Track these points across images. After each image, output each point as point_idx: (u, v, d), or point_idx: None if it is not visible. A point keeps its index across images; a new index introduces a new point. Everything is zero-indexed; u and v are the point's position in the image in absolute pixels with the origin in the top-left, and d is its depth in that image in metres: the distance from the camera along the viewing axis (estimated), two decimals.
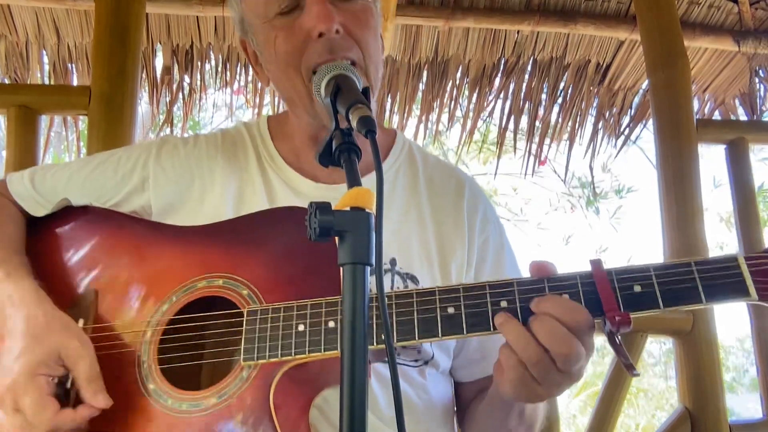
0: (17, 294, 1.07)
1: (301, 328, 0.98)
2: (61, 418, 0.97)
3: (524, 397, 0.96)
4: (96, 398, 0.99)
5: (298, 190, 1.26)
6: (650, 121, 3.16)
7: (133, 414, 1.02)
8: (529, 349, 0.89)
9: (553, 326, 0.88)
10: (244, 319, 1.02)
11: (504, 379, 0.95)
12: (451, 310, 0.95)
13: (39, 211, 1.28)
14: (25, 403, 0.96)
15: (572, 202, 9.09)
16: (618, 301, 0.91)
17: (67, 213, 1.27)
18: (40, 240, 1.24)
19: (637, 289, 0.92)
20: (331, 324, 0.97)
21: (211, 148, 1.32)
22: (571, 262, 0.98)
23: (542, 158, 3.82)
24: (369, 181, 1.20)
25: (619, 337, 0.92)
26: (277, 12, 1.15)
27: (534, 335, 0.89)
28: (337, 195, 1.26)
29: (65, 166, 1.35)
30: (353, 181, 0.78)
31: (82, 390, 1.00)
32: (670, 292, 0.91)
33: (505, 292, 0.95)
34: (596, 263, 0.94)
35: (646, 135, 4.36)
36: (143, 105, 3.43)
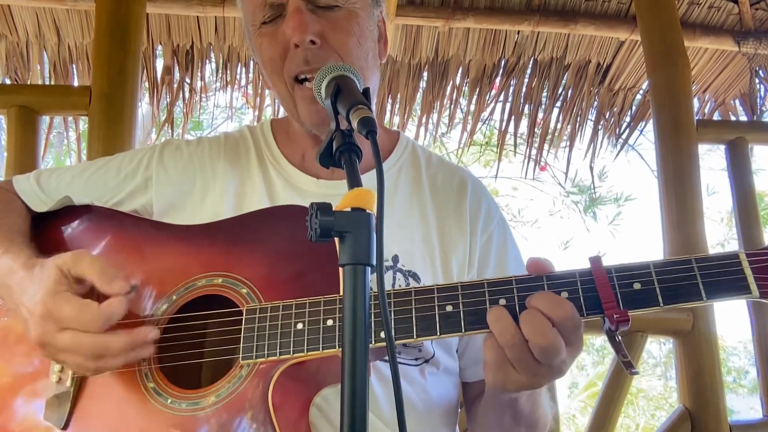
0: (32, 271, 1.05)
1: (299, 326, 0.98)
2: (106, 307, 0.96)
3: (501, 380, 0.96)
4: (112, 286, 0.98)
5: (299, 188, 1.27)
6: (650, 124, 3.17)
7: (133, 412, 1.02)
8: (507, 333, 0.90)
9: (535, 317, 0.89)
10: (243, 317, 1.02)
11: (485, 363, 0.96)
12: (449, 308, 0.95)
13: (41, 207, 1.30)
14: (67, 314, 0.96)
15: (571, 206, 9.07)
16: (617, 299, 0.90)
17: (68, 212, 1.28)
18: (41, 238, 1.24)
19: (637, 286, 0.91)
20: (330, 322, 0.97)
21: (213, 150, 1.34)
22: (569, 267, 0.97)
23: (542, 163, 3.82)
24: (368, 179, 1.21)
25: (619, 335, 0.91)
26: (262, 21, 1.19)
27: (519, 327, 0.90)
28: (339, 192, 1.26)
29: (69, 168, 1.39)
30: (354, 182, 0.78)
31: (97, 286, 0.99)
32: (670, 289, 0.90)
33: (503, 290, 0.94)
34: (595, 261, 0.93)
35: (646, 141, 4.36)
36: (144, 105, 3.44)
